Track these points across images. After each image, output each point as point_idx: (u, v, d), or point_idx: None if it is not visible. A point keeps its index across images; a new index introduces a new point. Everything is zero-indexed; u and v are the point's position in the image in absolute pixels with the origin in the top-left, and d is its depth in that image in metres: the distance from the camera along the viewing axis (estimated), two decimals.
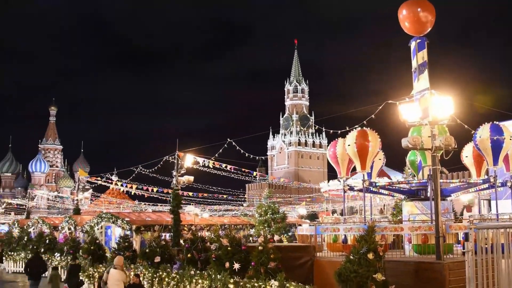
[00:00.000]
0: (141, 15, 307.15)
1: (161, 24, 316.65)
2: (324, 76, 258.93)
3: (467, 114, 20.64)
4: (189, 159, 27.26)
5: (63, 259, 27.95)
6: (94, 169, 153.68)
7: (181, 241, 24.29)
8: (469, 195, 26.66)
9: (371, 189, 22.79)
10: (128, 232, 27.18)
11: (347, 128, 22.03)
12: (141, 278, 19.55)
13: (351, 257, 13.27)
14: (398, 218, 24.05)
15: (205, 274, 16.99)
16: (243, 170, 33.14)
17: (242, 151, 30.14)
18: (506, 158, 20.98)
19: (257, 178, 44.82)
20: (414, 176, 24.21)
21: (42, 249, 32.30)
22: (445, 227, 17.12)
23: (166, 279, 18.29)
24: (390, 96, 18.63)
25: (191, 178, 27.31)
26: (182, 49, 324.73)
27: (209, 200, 52.30)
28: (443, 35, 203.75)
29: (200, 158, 28.59)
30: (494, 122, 20.55)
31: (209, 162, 29.33)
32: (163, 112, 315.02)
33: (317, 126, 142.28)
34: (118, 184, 45.92)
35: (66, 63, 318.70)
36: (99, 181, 46.18)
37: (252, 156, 31.49)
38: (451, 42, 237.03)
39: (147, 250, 21.46)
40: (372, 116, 20.10)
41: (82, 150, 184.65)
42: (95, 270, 22.26)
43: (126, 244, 23.98)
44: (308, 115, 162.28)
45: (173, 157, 27.50)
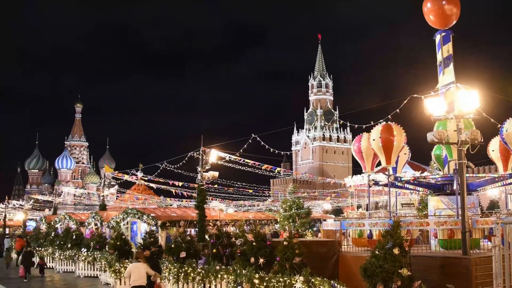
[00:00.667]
0: (162, 21, 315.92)
1: (180, 30, 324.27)
2: (349, 71, 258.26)
3: (493, 108, 20.40)
4: (214, 155, 27.31)
5: (90, 254, 28.22)
6: (120, 165, 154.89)
7: (207, 237, 24.37)
8: (496, 190, 26.44)
9: (396, 184, 22.68)
10: (154, 228, 27.32)
11: (372, 123, 21.93)
12: (167, 273, 19.69)
13: (377, 252, 13.22)
14: (424, 213, 23.92)
15: (230, 269, 17.03)
16: (267, 166, 33.09)
17: (267, 147, 30.09)
18: None
19: (282, 174, 44.74)
20: (440, 171, 24.04)
21: (69, 244, 32.68)
22: (472, 222, 16.99)
23: (192, 274, 18.34)
24: (415, 90, 18.48)
25: (216, 174, 27.36)
26: (202, 52, 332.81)
27: (234, 196, 52.45)
28: (468, 27, 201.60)
29: (225, 154, 28.63)
30: None
31: (234, 158, 29.34)
32: (187, 111, 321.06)
33: (342, 121, 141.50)
34: (144, 180, 46.31)
35: (93, 66, 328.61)
36: (125, 177, 46.54)
37: (277, 152, 31.39)
38: (477, 34, 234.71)
39: (173, 246, 21.53)
40: (397, 111, 19.95)
41: (108, 147, 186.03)
42: (121, 266, 22.42)
43: (152, 240, 24.11)
44: (333, 110, 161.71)
45: (198, 153, 27.57)
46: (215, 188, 44.61)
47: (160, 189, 49.70)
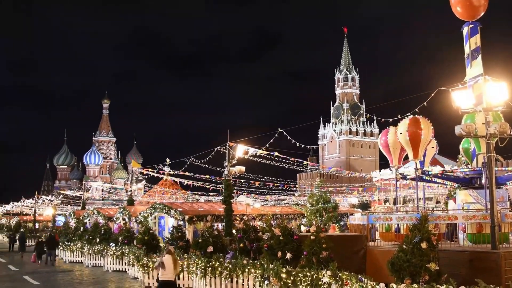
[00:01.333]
0: (186, 25, 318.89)
1: (204, 33, 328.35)
2: (375, 64, 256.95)
3: None
4: (241, 149, 27.33)
5: (118, 249, 28.51)
6: (147, 161, 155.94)
7: (234, 231, 24.43)
8: None
9: (424, 178, 22.51)
10: (181, 222, 27.47)
11: (399, 116, 21.79)
12: (194, 268, 19.79)
13: (404, 247, 13.15)
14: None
15: (258, 264, 17.06)
16: (294, 160, 33.00)
17: (293, 141, 30.01)
18: None
19: (308, 168, 44.63)
20: (468, 164, 23.81)
21: (98, 239, 33.05)
22: (501, 216, 16.80)
23: (219, 269, 18.42)
24: (443, 83, 18.31)
25: (243, 168, 27.39)
26: (227, 53, 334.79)
27: (261, 190, 52.44)
28: (497, 19, 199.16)
29: (251, 148, 28.63)
30: None
31: (260, 152, 29.32)
32: (213, 109, 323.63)
33: (368, 115, 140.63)
34: (171, 175, 46.54)
35: (121, 67, 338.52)
36: (152, 172, 46.82)
37: (303, 146, 31.31)
38: (505, 25, 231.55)
39: (200, 240, 21.64)
40: (424, 104, 19.76)
41: (135, 142, 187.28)
42: (149, 260, 22.59)
43: (179, 234, 24.26)
44: (359, 104, 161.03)
45: (225, 148, 27.62)
46: (242, 183, 44.69)
47: (187, 184, 49.90)
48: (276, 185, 46.22)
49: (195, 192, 55.94)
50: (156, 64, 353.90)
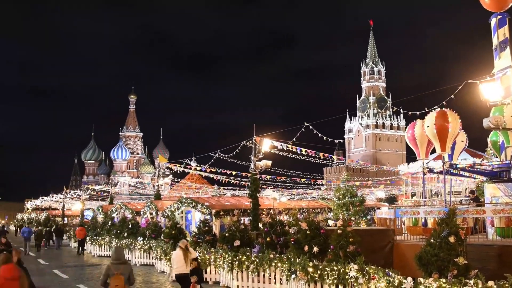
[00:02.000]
0: (199, 28, 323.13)
1: (218, 33, 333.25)
2: (401, 57, 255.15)
3: None
4: (267, 144, 27.32)
5: (145, 243, 28.74)
6: (174, 155, 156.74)
7: (260, 225, 24.46)
8: None
9: (452, 171, 22.31)
10: (208, 217, 27.55)
11: (426, 109, 21.61)
12: (221, 262, 19.87)
13: (432, 241, 13.07)
14: (481, 201, 23.50)
15: (284, 258, 17.09)
16: (321, 154, 32.89)
17: (320, 135, 29.86)
18: None
19: (335, 162, 44.45)
20: (497, 157, 23.55)
21: (125, 233, 33.33)
22: None
23: (246, 263, 18.47)
24: (471, 75, 18.12)
25: (269, 163, 27.37)
26: (248, 53, 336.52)
27: (287, 184, 52.38)
28: None
29: (278, 142, 28.60)
30: None
31: (287, 146, 29.27)
32: (239, 105, 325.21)
33: (395, 108, 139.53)
34: (197, 169, 46.73)
35: (141, 66, 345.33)
36: (179, 167, 47.02)
37: (330, 140, 31.16)
38: None
39: (227, 234, 21.72)
40: (452, 96, 19.57)
41: (162, 137, 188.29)
42: None
43: (206, 229, 24.34)
44: (385, 97, 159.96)
45: (251, 142, 27.63)
46: (269, 177, 44.71)
47: (214, 178, 50.06)
48: (303, 180, 46.18)
49: (222, 187, 56.10)
50: (178, 65, 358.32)
